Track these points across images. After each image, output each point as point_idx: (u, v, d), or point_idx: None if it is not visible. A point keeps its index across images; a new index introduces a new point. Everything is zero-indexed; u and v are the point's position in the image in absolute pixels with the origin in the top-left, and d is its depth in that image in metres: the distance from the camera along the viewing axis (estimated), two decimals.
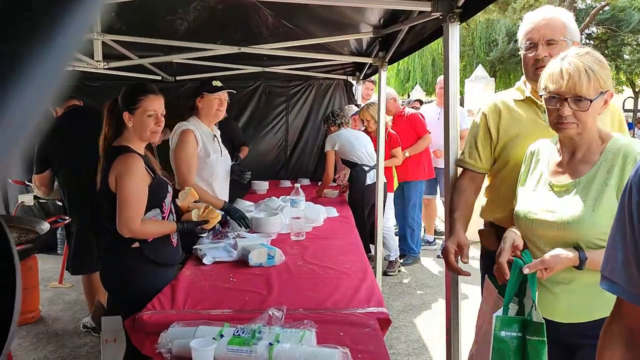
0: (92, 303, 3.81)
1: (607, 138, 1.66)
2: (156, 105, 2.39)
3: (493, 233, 2.11)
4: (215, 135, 3.31)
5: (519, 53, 2.07)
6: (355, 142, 4.78)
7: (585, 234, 1.60)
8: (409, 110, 5.74)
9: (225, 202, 3.19)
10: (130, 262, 2.36)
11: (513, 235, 1.72)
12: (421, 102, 8.21)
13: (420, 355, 3.60)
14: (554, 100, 1.62)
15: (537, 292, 1.62)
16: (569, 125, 1.61)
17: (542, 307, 1.61)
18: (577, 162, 1.68)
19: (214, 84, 3.28)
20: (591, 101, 1.57)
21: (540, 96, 1.72)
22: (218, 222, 2.88)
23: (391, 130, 5.24)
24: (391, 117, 5.53)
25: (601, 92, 1.59)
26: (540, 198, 1.72)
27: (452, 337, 2.27)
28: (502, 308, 1.64)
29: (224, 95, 3.30)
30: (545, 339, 1.55)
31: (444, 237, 3.15)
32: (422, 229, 6.30)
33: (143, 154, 2.42)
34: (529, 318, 1.60)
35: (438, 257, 5.88)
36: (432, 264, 5.71)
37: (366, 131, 5.16)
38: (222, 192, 3.36)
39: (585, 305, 1.65)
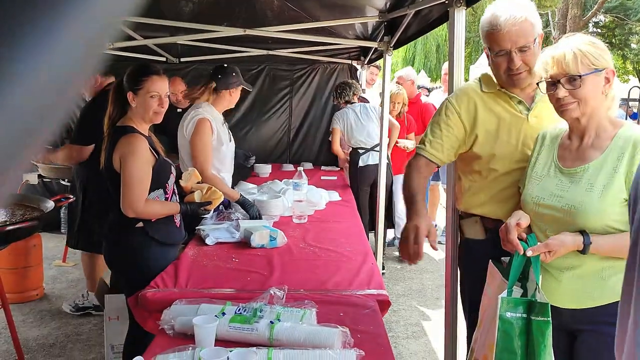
0: (92, 283, 3.82)
1: (619, 124, 1.66)
2: (160, 86, 2.39)
3: (479, 223, 2.09)
4: (224, 121, 3.33)
5: (486, 50, 1.99)
6: (355, 126, 4.76)
7: (591, 221, 1.60)
8: (425, 99, 5.67)
9: (241, 194, 3.22)
10: (134, 241, 2.39)
11: (520, 213, 1.72)
12: (428, 90, 8.03)
13: (418, 339, 3.64)
14: (551, 87, 1.65)
15: (540, 276, 1.63)
16: (569, 106, 1.62)
17: (546, 293, 1.61)
18: (586, 147, 1.68)
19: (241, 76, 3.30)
20: (580, 76, 1.58)
21: (537, 84, 1.74)
22: (221, 203, 2.91)
23: (409, 115, 5.24)
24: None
25: (595, 69, 1.59)
26: (549, 183, 1.72)
27: (451, 321, 2.30)
28: (506, 290, 1.65)
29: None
30: (550, 319, 1.56)
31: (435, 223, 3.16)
32: None
33: (147, 135, 2.43)
34: (533, 299, 1.61)
35: (439, 243, 5.91)
36: (432, 250, 5.73)
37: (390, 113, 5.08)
38: (228, 178, 3.39)
39: (589, 292, 1.66)
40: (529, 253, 1.61)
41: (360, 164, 4.76)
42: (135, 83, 2.36)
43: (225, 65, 3.34)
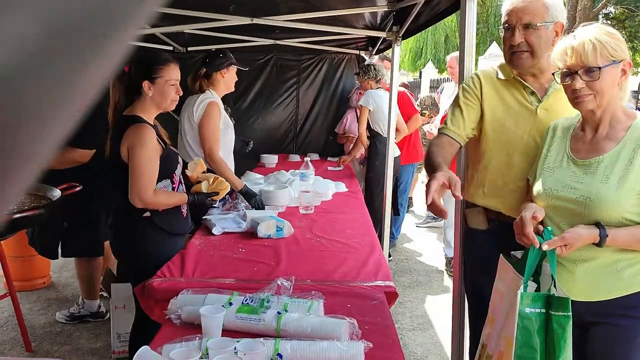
0: (88, 289, 3.63)
1: (634, 115, 1.64)
2: (176, 74, 2.41)
3: (482, 213, 2.09)
4: (226, 107, 3.36)
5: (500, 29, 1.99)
6: (385, 111, 4.69)
7: (607, 213, 1.58)
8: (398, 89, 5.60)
9: (245, 185, 3.22)
10: (141, 230, 2.38)
11: (534, 207, 1.69)
12: (407, 86, 7.55)
13: (425, 331, 3.63)
14: (566, 77, 1.62)
15: (556, 270, 1.61)
16: (585, 98, 1.60)
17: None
18: (600, 138, 1.65)
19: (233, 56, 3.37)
20: (600, 68, 1.55)
21: (553, 74, 1.70)
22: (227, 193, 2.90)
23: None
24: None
25: (613, 61, 1.56)
26: (562, 175, 1.70)
27: (459, 312, 2.29)
28: (522, 285, 1.63)
29: None
30: (571, 313, 1.54)
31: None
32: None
33: (153, 124, 2.42)
34: (552, 294, 1.59)
35: None
36: (439, 241, 5.72)
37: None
38: (231, 163, 3.41)
39: (603, 284, 1.64)
40: (545, 247, 1.58)
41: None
42: (153, 71, 2.35)
43: (213, 50, 3.40)
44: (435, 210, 1.65)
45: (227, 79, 3.34)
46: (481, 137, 2.03)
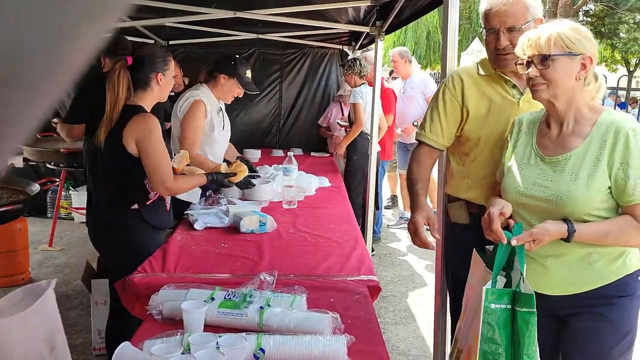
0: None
1: (599, 110, 1.64)
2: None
3: (464, 207, 2.11)
4: (220, 108, 3.29)
5: (481, 30, 2.02)
6: (368, 108, 4.68)
7: (577, 210, 1.59)
8: (386, 84, 5.60)
9: (225, 165, 3.18)
10: (127, 223, 2.35)
11: (502, 202, 1.70)
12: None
13: (407, 325, 3.66)
14: (526, 67, 1.64)
15: (525, 265, 1.62)
16: (539, 87, 1.62)
17: (532, 281, 1.61)
18: (567, 134, 1.66)
19: (248, 76, 3.22)
20: (550, 56, 1.57)
21: (515, 64, 1.72)
22: (209, 188, 2.90)
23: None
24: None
25: (569, 52, 1.57)
26: (531, 172, 1.70)
27: (441, 306, 2.31)
28: (490, 281, 1.64)
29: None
30: (535, 310, 1.55)
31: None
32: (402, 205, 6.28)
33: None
34: (518, 290, 1.61)
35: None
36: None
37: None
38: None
39: (576, 278, 1.66)
40: (514, 242, 1.59)
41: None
42: (164, 64, 2.39)
43: (237, 56, 3.26)
44: (421, 245, 2.02)
45: (224, 87, 3.20)
46: (466, 133, 2.04)
